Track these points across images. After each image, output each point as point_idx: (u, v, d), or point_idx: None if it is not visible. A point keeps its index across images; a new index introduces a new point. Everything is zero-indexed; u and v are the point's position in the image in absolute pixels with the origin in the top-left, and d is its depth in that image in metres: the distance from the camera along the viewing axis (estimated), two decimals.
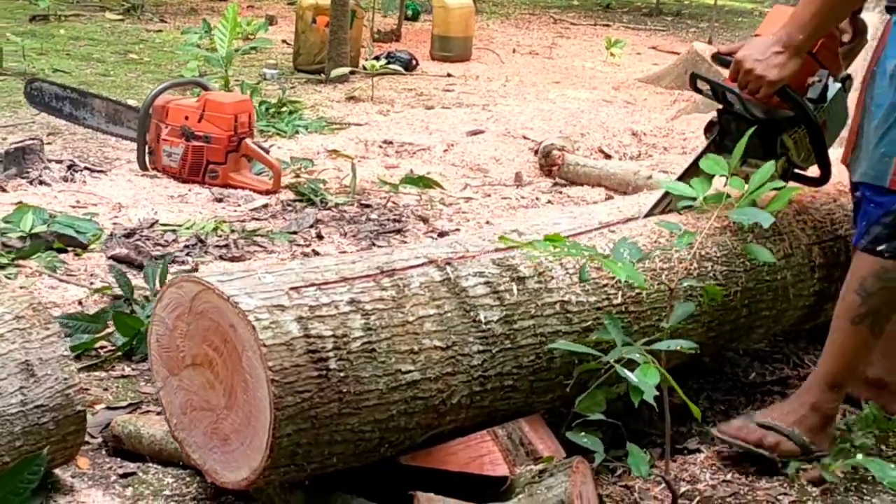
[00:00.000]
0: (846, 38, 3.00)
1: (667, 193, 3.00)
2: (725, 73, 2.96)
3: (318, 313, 2.25)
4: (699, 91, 3.05)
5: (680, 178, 3.01)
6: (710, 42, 9.80)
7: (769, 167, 2.70)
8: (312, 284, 2.30)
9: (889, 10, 2.84)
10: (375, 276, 2.40)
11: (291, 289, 2.26)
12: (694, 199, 2.77)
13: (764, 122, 2.93)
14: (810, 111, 2.90)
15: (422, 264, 2.49)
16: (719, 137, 3.04)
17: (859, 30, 3.03)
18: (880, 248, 2.75)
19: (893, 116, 2.73)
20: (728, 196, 2.77)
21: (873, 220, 2.77)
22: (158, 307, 2.35)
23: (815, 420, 2.86)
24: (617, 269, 2.51)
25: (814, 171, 3.08)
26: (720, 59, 2.97)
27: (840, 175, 3.09)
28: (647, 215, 2.99)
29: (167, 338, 2.34)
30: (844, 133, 3.00)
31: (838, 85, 2.97)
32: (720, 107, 3.03)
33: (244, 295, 2.21)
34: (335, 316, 2.27)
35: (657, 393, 2.38)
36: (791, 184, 3.01)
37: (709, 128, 3.09)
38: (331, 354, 2.22)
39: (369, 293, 2.35)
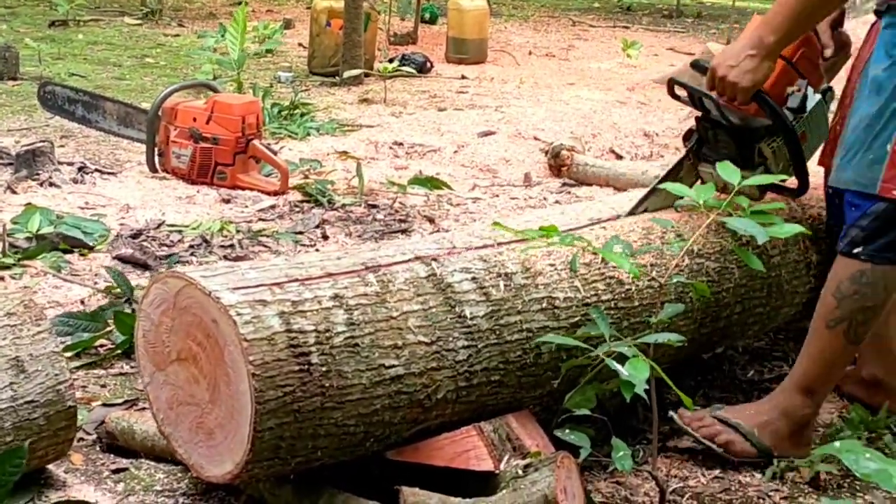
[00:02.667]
0: (828, 52, 2.95)
1: (651, 192, 2.99)
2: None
3: (301, 308, 2.26)
4: (677, 98, 2.99)
5: (655, 189, 2.97)
6: (727, 42, 9.77)
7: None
8: (296, 280, 2.32)
9: (877, 13, 2.82)
10: (360, 271, 2.42)
11: (274, 284, 2.28)
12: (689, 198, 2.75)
13: (741, 129, 2.89)
14: (787, 120, 2.85)
15: (407, 260, 2.50)
16: (697, 146, 3.00)
17: (842, 43, 2.98)
18: (856, 250, 2.73)
19: (880, 123, 2.70)
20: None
21: (851, 223, 2.76)
22: (144, 303, 2.37)
23: (783, 425, 2.84)
24: (616, 258, 2.51)
25: (793, 182, 3.02)
26: (699, 65, 2.92)
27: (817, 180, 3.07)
28: (630, 213, 2.98)
29: (153, 333, 2.36)
30: None
31: (818, 96, 2.93)
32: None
33: (226, 290, 2.22)
34: (318, 311, 2.28)
35: (647, 386, 2.37)
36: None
37: (687, 136, 3.05)
38: (313, 349, 2.24)
39: (353, 288, 2.36)
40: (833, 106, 3.01)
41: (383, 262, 2.47)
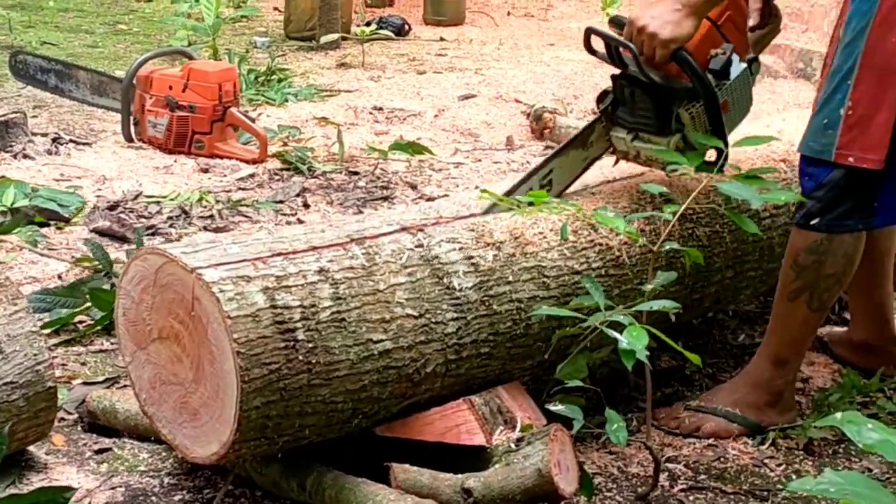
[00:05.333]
0: (752, 21, 2.78)
1: (558, 153, 2.78)
2: None
3: (285, 283, 2.20)
4: (594, 52, 2.77)
5: (561, 150, 2.78)
6: None
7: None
8: (280, 254, 2.25)
9: None
10: (345, 244, 2.35)
11: (257, 259, 2.21)
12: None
13: (660, 89, 2.68)
14: (707, 81, 2.65)
15: (393, 231, 2.44)
16: (612, 108, 2.78)
17: (772, 14, 2.83)
18: (813, 222, 2.66)
19: (833, 84, 2.61)
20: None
21: (806, 193, 2.68)
22: (124, 280, 2.30)
23: (759, 397, 2.80)
24: (610, 221, 2.46)
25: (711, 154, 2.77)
26: (617, 20, 2.72)
27: None
28: (525, 179, 2.75)
29: (133, 311, 2.30)
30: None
31: (744, 65, 2.74)
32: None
33: (208, 266, 2.16)
34: (303, 286, 2.22)
35: (648, 353, 2.32)
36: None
37: (601, 98, 2.82)
38: (298, 325, 2.18)
39: (338, 262, 2.30)
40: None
41: (369, 234, 2.41)
